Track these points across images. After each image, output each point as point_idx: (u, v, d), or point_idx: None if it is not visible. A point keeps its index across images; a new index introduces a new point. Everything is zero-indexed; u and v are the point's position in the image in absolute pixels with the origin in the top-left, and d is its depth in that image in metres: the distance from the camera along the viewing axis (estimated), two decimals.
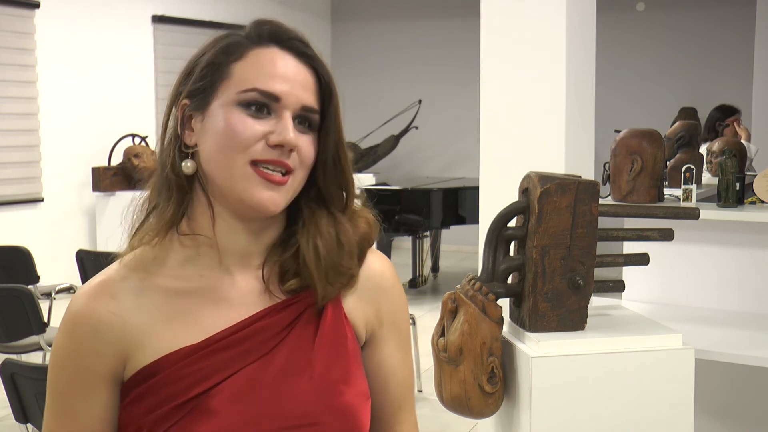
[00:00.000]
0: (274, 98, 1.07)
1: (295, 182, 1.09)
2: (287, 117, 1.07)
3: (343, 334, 1.15)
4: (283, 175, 1.07)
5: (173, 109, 1.12)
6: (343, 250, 1.13)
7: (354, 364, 1.15)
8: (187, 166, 1.09)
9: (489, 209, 2.60)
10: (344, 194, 1.15)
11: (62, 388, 1.11)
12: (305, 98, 1.09)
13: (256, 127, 1.06)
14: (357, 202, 1.18)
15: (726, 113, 6.66)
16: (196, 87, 1.09)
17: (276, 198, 1.07)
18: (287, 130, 1.06)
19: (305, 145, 1.09)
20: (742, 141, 5.55)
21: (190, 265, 1.11)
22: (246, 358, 1.09)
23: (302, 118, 1.09)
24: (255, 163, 1.06)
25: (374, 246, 1.22)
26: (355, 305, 1.17)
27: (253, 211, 1.08)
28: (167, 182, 1.10)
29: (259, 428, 1.07)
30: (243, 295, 1.12)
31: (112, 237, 6.81)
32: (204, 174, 1.10)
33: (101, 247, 6.96)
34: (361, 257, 1.17)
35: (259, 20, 1.13)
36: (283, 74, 1.08)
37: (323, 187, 1.13)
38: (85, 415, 1.10)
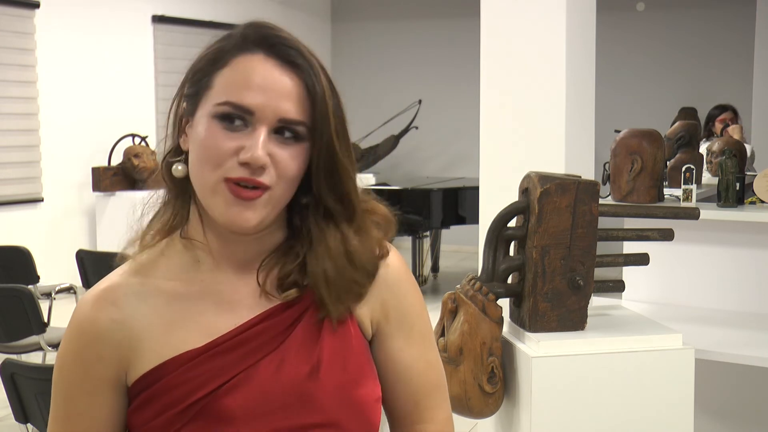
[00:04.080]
0: (248, 111, 1.03)
1: (274, 197, 1.05)
2: (260, 132, 1.03)
3: (347, 331, 1.13)
4: (254, 189, 1.03)
5: (174, 112, 1.12)
6: (354, 268, 1.11)
7: (359, 357, 1.13)
8: (177, 169, 1.08)
9: (489, 209, 2.60)
10: (342, 205, 1.10)
11: (67, 393, 1.11)
12: (284, 110, 1.03)
13: (227, 143, 1.03)
14: (369, 198, 1.16)
15: (722, 112, 6.69)
16: (189, 93, 1.09)
17: (248, 215, 1.03)
18: (256, 146, 1.01)
19: (284, 158, 1.04)
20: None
21: (191, 270, 1.12)
22: (249, 359, 1.09)
23: (283, 130, 1.04)
24: (228, 180, 1.03)
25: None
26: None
27: (228, 228, 1.06)
28: (166, 187, 1.12)
29: (265, 428, 1.07)
30: (243, 297, 1.11)
31: (112, 237, 6.81)
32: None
33: (101, 247, 6.96)
34: (374, 271, 1.15)
35: (249, 23, 1.08)
36: (261, 85, 1.03)
37: (321, 200, 1.09)
38: (89, 418, 1.10)
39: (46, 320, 3.88)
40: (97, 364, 1.09)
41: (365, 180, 7.59)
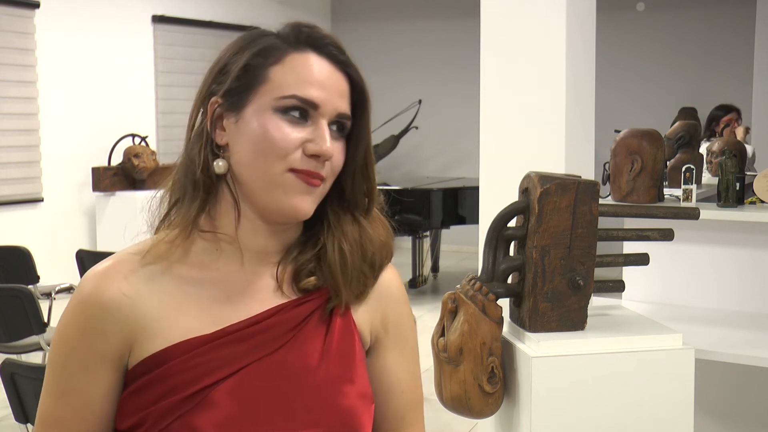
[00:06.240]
0: (313, 105, 1.07)
1: (325, 188, 1.10)
2: (324, 125, 1.08)
3: (351, 336, 1.15)
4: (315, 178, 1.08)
5: (202, 106, 1.11)
6: (365, 258, 1.14)
7: (360, 364, 1.15)
8: (219, 165, 1.09)
9: (489, 209, 2.60)
10: (367, 199, 1.15)
11: (66, 368, 1.09)
12: (340, 105, 1.09)
13: (293, 134, 1.06)
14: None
15: (726, 112, 6.69)
16: (232, 87, 1.08)
17: (309, 202, 1.08)
18: (324, 140, 1.07)
19: (337, 152, 1.10)
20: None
21: (206, 257, 1.11)
22: (255, 353, 1.08)
23: (336, 125, 1.10)
24: (293, 171, 1.07)
25: None
26: (362, 310, 1.17)
27: (283, 216, 1.08)
28: (194, 181, 1.09)
29: (263, 424, 1.06)
30: (257, 290, 1.12)
31: (112, 237, 6.81)
32: (234, 175, 1.09)
33: (101, 247, 6.95)
34: (379, 270, 1.17)
35: (296, 23, 1.12)
36: (321, 81, 1.08)
37: (349, 193, 1.13)
38: (85, 396, 1.08)
39: (46, 320, 3.88)
40: (101, 338, 1.07)
41: None
